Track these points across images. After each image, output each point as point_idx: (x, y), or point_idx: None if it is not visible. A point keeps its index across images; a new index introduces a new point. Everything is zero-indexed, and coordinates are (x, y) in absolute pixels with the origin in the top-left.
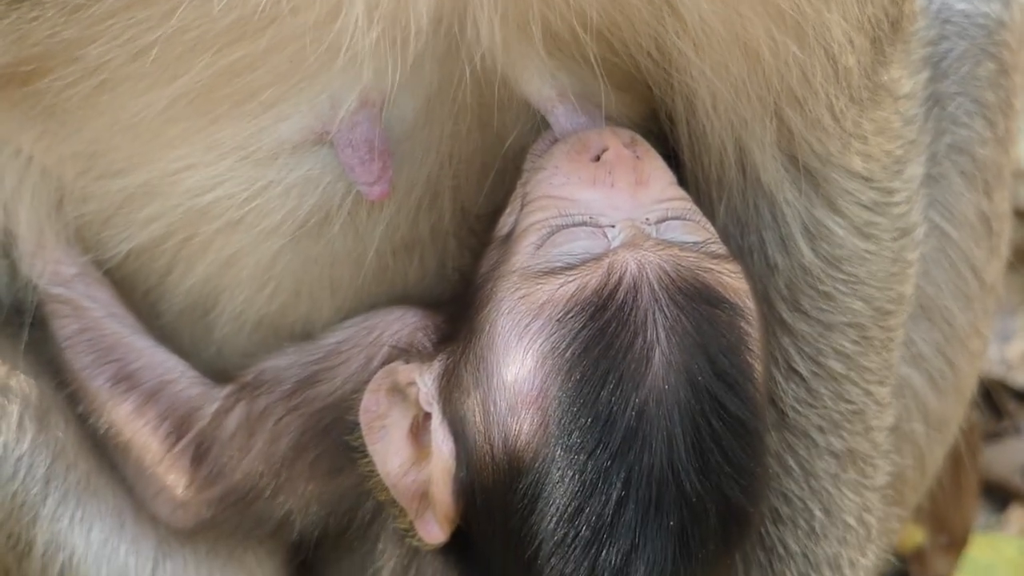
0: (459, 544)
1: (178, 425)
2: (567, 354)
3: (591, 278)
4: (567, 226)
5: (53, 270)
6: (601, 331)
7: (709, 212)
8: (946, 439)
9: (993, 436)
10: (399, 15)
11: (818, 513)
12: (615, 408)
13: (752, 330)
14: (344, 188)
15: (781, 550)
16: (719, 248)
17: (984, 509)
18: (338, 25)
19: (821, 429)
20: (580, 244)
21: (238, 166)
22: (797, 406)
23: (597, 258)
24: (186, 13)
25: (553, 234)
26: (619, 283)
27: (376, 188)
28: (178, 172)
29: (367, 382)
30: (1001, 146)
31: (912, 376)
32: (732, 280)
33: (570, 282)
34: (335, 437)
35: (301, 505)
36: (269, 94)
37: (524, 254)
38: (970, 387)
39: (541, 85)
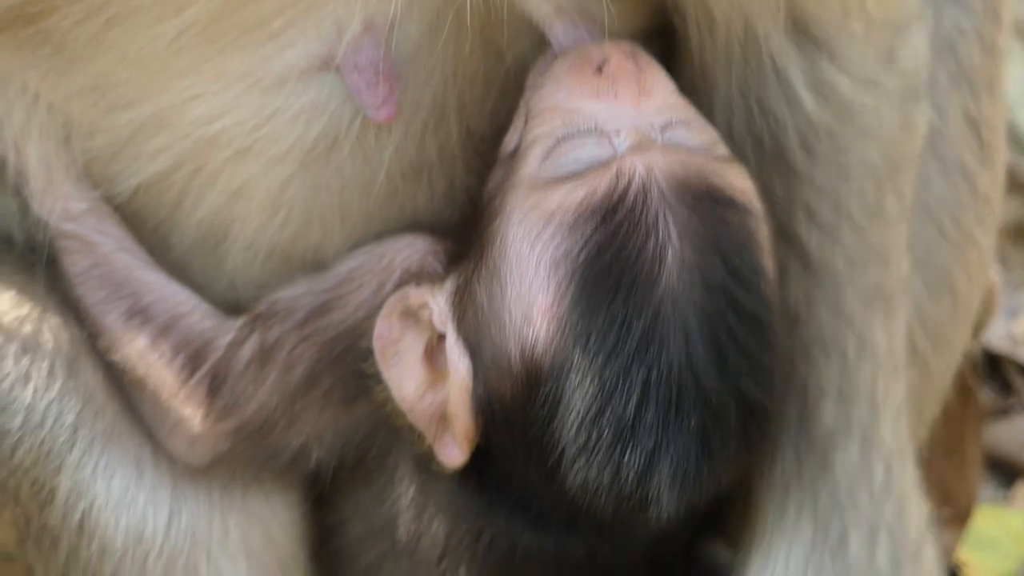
0: (478, 466)
1: (192, 358)
2: (580, 259)
3: (600, 183)
4: (573, 135)
5: (63, 206)
6: (613, 234)
7: (710, 107)
8: (948, 359)
9: (1001, 412)
10: None
11: (851, 346)
12: (631, 309)
13: (761, 229)
14: (351, 112)
15: (815, 389)
16: (724, 151)
17: (991, 485)
18: None
19: (848, 263)
20: (587, 152)
21: (245, 94)
22: (822, 248)
23: (605, 163)
24: None
25: (559, 144)
26: (628, 186)
27: (383, 111)
28: (185, 102)
29: (380, 308)
30: (988, 54)
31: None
32: (739, 181)
33: (579, 188)
34: (349, 365)
35: (316, 435)
36: (275, 21)
37: (531, 165)
38: (970, 308)
39: (539, 1)
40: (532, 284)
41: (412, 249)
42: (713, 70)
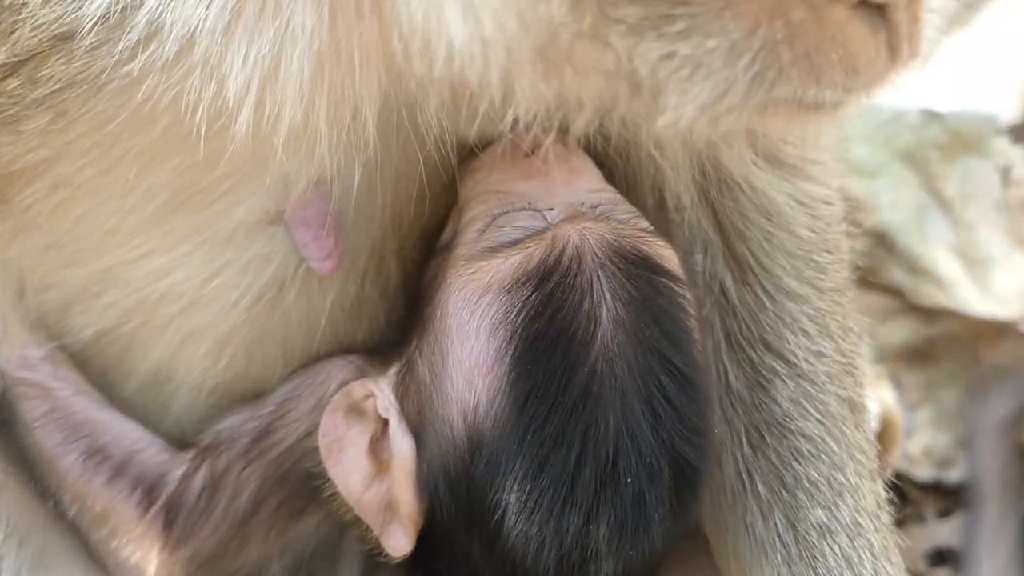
0: (424, 552)
1: (148, 492)
2: (518, 320)
3: (536, 249)
4: (508, 211)
5: (20, 355)
6: (550, 296)
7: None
8: None
9: (899, 523)
10: (346, 100)
11: (835, 447)
12: (568, 367)
13: (687, 295)
14: (297, 260)
15: (807, 483)
16: (649, 225)
17: None
18: (287, 120)
19: (829, 376)
20: (522, 224)
21: (195, 249)
22: (809, 358)
23: (540, 232)
24: (164, 126)
25: (495, 219)
26: (563, 251)
27: (327, 263)
28: (136, 259)
29: (318, 423)
30: None
31: None
32: (665, 250)
33: (515, 255)
34: (295, 481)
35: (268, 552)
36: (226, 183)
37: (468, 241)
38: None
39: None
40: (473, 349)
41: (347, 365)
42: (675, 191)
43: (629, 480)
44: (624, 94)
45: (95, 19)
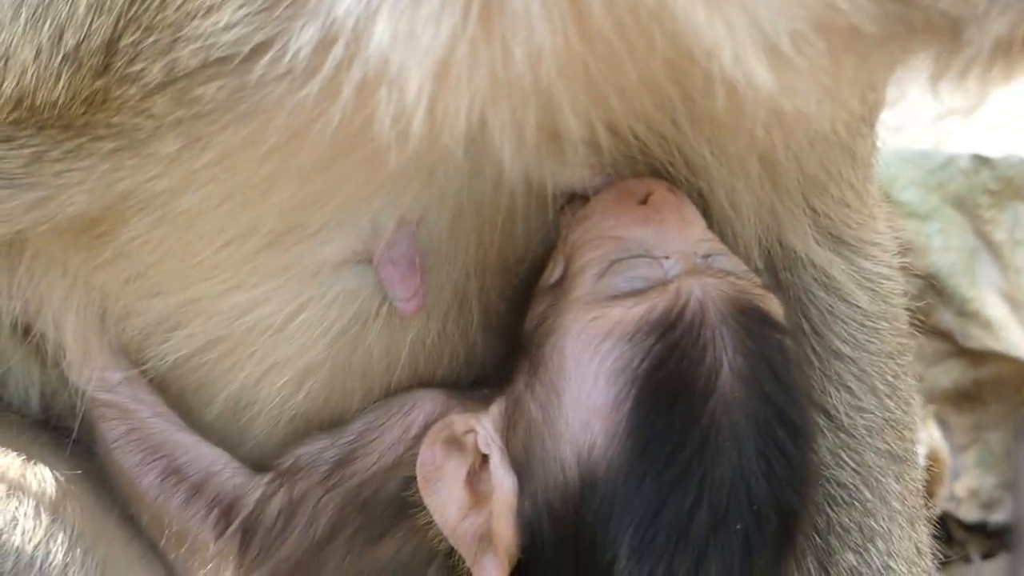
0: None
1: (225, 513)
2: (640, 369)
3: (659, 301)
4: (625, 258)
5: (100, 376)
6: (672, 347)
7: None
8: None
9: (944, 564)
10: (434, 140)
11: (868, 495)
12: (690, 418)
13: (798, 350)
14: (380, 298)
15: (839, 528)
16: (759, 279)
17: None
18: (391, 156)
19: (869, 430)
20: (641, 272)
21: (282, 285)
22: (850, 412)
23: (663, 283)
24: (277, 161)
25: (612, 266)
26: (687, 304)
27: (412, 303)
28: (221, 293)
29: (403, 454)
30: None
31: None
32: (776, 306)
33: (639, 304)
34: (373, 510)
35: None
36: (314, 223)
37: (585, 286)
38: None
39: (570, 180)
40: (592, 393)
41: (435, 399)
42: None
43: (739, 527)
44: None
45: (260, 46)
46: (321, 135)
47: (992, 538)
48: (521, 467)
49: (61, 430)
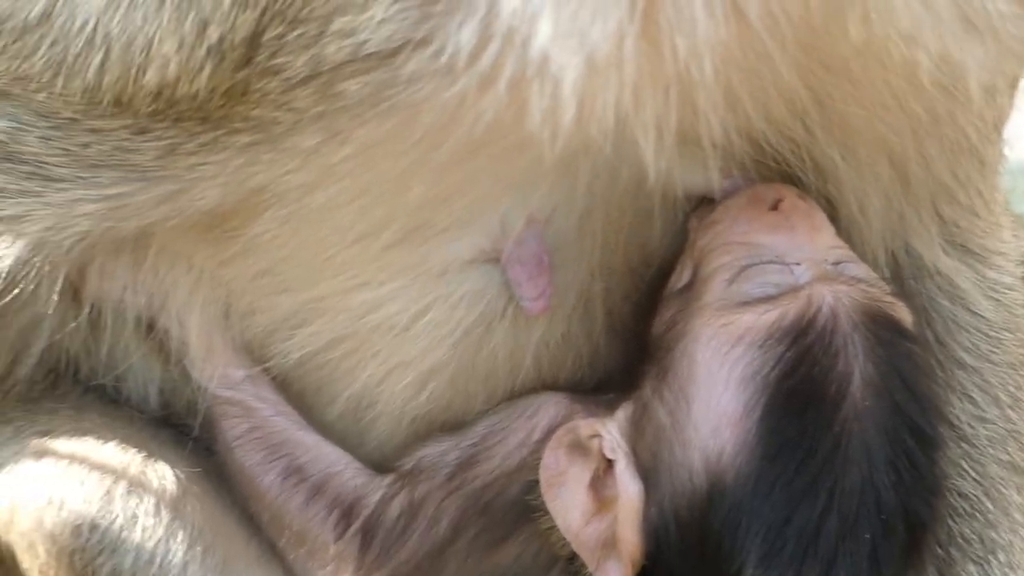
0: None
1: (345, 513)
2: (771, 375)
3: (791, 307)
4: (756, 264)
5: (223, 374)
6: (804, 353)
7: None
8: None
9: None
10: (579, 136)
11: (990, 506)
12: (821, 426)
13: (927, 359)
14: (506, 298)
15: (960, 540)
16: (889, 287)
17: None
18: (526, 153)
19: (991, 441)
20: (772, 278)
21: (409, 283)
22: (972, 423)
23: (795, 289)
24: (416, 155)
25: (743, 271)
26: (819, 312)
27: (538, 303)
28: (348, 291)
29: (527, 457)
30: None
31: None
32: (907, 315)
33: (771, 311)
34: (495, 513)
35: None
36: (443, 221)
37: (716, 291)
38: None
39: (701, 183)
40: (722, 399)
41: (559, 403)
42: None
43: (867, 536)
44: None
45: (415, 41)
46: (466, 131)
47: None
48: (647, 473)
49: (180, 427)
